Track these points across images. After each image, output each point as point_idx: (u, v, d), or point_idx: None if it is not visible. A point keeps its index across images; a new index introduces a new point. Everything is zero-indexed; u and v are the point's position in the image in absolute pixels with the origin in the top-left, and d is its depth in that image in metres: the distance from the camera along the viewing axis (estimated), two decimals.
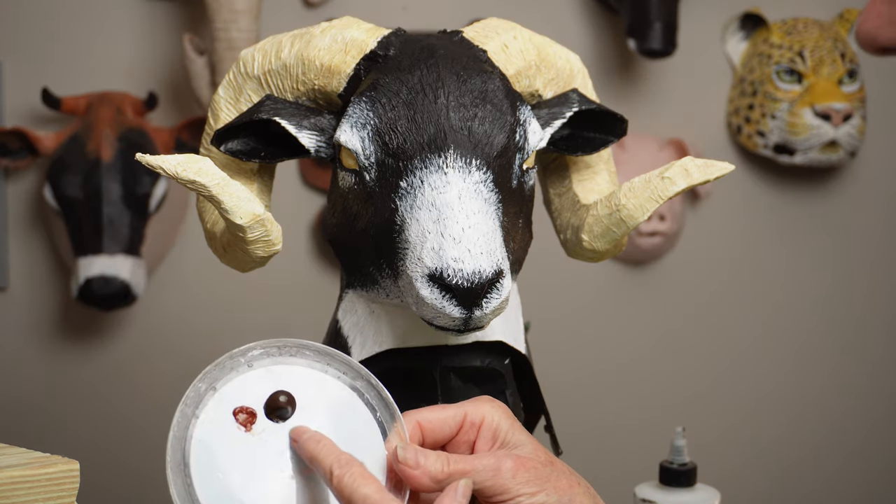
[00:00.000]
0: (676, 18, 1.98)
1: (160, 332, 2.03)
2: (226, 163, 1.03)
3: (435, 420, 0.90)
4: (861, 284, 2.26)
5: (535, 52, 1.05)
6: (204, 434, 0.85)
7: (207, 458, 0.84)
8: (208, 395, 0.86)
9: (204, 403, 0.85)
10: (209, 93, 1.86)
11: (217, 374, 0.86)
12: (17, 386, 2.02)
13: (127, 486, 2.01)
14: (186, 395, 0.85)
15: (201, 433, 0.85)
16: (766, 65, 2.10)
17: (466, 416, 0.90)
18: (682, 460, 1.31)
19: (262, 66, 1.03)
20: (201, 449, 0.84)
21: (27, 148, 1.90)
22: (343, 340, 1.04)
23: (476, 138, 0.95)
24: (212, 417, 0.85)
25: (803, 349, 2.25)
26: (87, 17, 1.99)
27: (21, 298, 2.01)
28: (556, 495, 0.88)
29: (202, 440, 0.85)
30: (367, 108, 0.97)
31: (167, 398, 2.01)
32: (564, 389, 2.06)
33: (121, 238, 1.86)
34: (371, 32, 1.02)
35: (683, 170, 1.00)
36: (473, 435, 0.90)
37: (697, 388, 2.21)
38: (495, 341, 1.03)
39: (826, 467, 2.27)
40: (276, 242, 0.98)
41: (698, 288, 2.21)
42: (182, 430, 0.84)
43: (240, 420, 0.86)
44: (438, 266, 0.90)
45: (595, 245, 1.04)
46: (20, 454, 0.91)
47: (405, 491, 0.88)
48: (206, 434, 0.85)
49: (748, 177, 2.20)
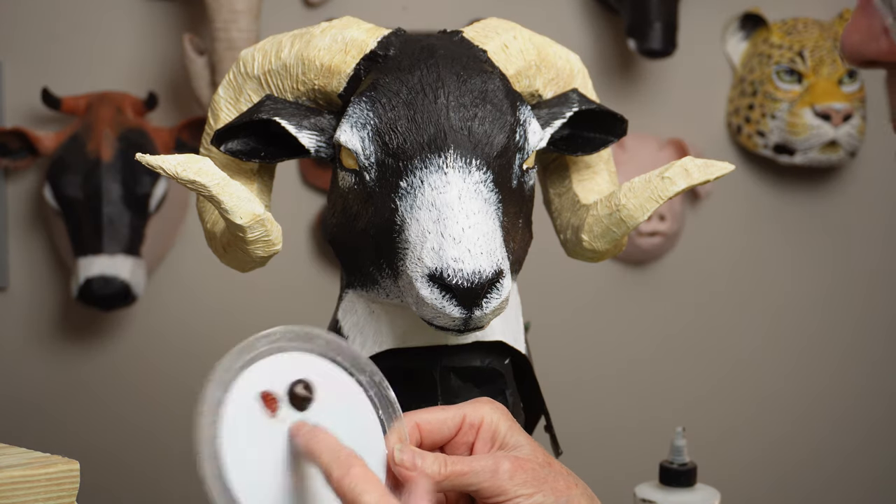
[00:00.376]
0: (676, 18, 1.98)
1: (160, 332, 2.03)
2: (226, 163, 1.03)
3: (434, 421, 0.90)
4: (861, 284, 2.26)
5: (535, 52, 1.05)
6: (234, 417, 0.83)
7: (237, 441, 0.83)
8: (235, 378, 0.84)
9: (231, 387, 0.84)
10: (209, 93, 1.86)
11: (240, 359, 0.85)
12: (17, 386, 2.01)
13: (127, 485, 2.01)
14: (212, 378, 0.83)
15: (232, 415, 0.83)
16: (766, 65, 2.10)
17: (465, 418, 0.90)
18: (682, 460, 1.31)
19: (262, 66, 1.03)
20: (232, 432, 0.83)
21: (27, 148, 1.90)
22: None
23: (476, 138, 0.95)
24: (239, 399, 0.84)
25: (803, 349, 2.25)
26: (87, 17, 1.99)
27: (21, 298, 2.01)
28: (553, 496, 0.88)
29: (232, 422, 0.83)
30: (367, 108, 0.97)
31: (167, 398, 2.02)
32: (564, 389, 2.06)
33: (121, 238, 1.85)
34: (371, 32, 1.02)
35: (683, 170, 1.00)
36: (472, 436, 0.90)
37: (697, 388, 2.21)
38: (495, 341, 1.02)
39: (826, 467, 2.27)
40: (276, 242, 0.98)
41: (698, 288, 2.21)
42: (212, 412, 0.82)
43: (267, 403, 0.85)
44: (438, 266, 0.90)
45: (595, 245, 1.04)
46: (20, 454, 0.91)
47: (405, 488, 0.88)
48: (236, 416, 0.83)
49: (748, 177, 2.20)
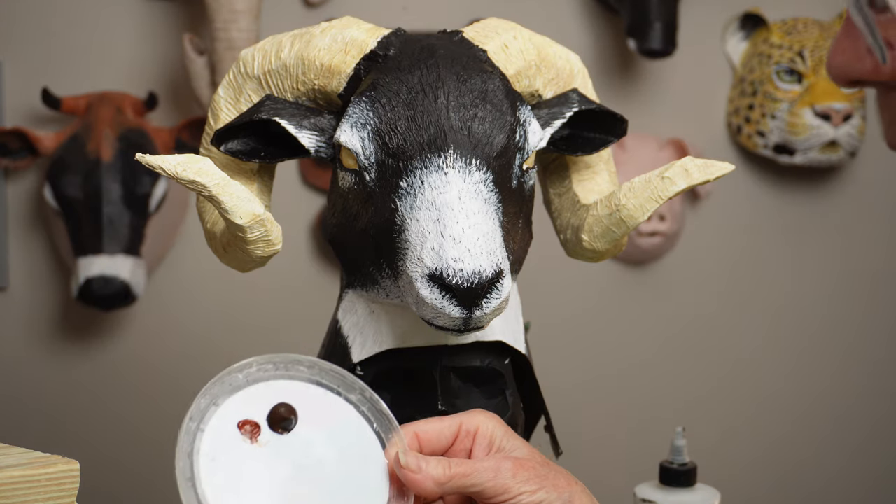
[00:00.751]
0: (676, 18, 1.98)
1: (160, 332, 2.03)
2: (226, 163, 1.03)
3: (431, 431, 0.92)
4: (861, 284, 2.26)
5: (535, 52, 1.05)
6: (211, 447, 0.85)
7: (217, 471, 0.85)
8: (211, 410, 0.86)
9: (208, 418, 0.86)
10: (209, 93, 1.86)
11: (218, 390, 0.87)
12: (17, 386, 2.01)
13: (127, 485, 2.01)
14: (190, 411, 0.85)
15: (208, 446, 0.85)
16: (766, 65, 2.10)
17: (462, 426, 0.92)
18: (682, 460, 1.31)
19: (262, 66, 1.03)
20: (210, 462, 0.85)
21: (27, 148, 1.90)
22: (343, 340, 1.03)
23: (476, 138, 0.95)
24: (217, 430, 0.86)
25: (803, 349, 2.25)
26: (87, 17, 1.99)
27: (21, 298, 2.01)
28: (555, 493, 0.90)
29: (209, 453, 0.85)
30: (367, 108, 0.97)
31: (167, 398, 2.01)
32: (564, 389, 2.06)
33: (121, 238, 1.85)
34: (371, 32, 1.02)
35: (683, 170, 1.00)
36: (469, 443, 0.92)
37: (697, 388, 2.21)
38: (495, 341, 1.02)
39: (827, 467, 2.27)
40: (276, 242, 0.98)
41: (698, 288, 2.21)
42: (188, 444, 0.84)
43: (245, 432, 0.87)
44: (438, 266, 0.90)
45: (595, 245, 1.04)
46: (20, 454, 0.91)
47: (409, 497, 0.89)
48: (214, 447, 0.85)
49: (748, 177, 2.20)
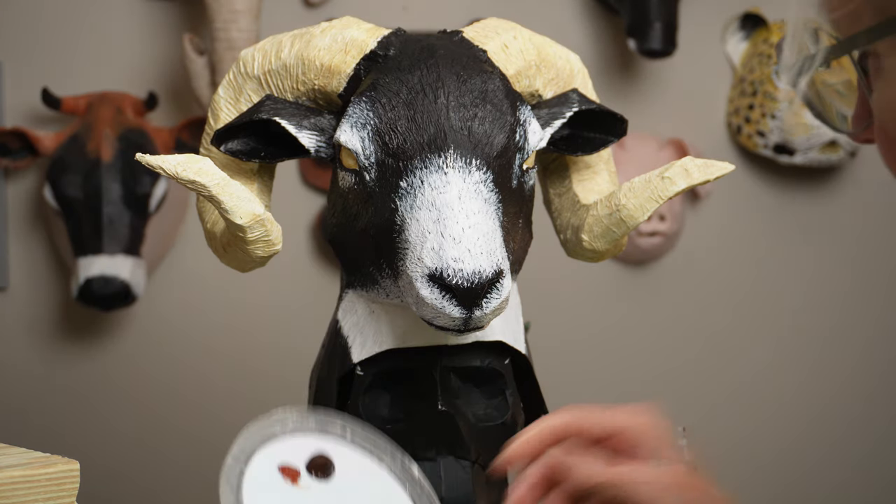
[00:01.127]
0: (676, 18, 1.98)
1: (160, 332, 2.03)
2: (226, 163, 1.03)
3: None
4: (861, 284, 2.26)
5: (535, 52, 1.05)
6: (256, 485, 0.88)
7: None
8: (255, 452, 0.89)
9: (251, 458, 0.89)
10: (209, 93, 1.86)
11: (258, 437, 0.90)
12: (17, 386, 2.01)
13: (127, 485, 2.01)
14: (233, 449, 0.89)
15: (253, 485, 0.88)
16: (766, 65, 2.10)
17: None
18: None
19: (262, 66, 1.03)
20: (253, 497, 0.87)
21: (27, 148, 1.90)
22: (343, 340, 1.03)
23: (476, 138, 0.95)
24: (261, 470, 0.89)
25: (803, 349, 2.25)
26: (87, 18, 1.99)
27: (21, 298, 2.01)
28: None
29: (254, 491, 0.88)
30: (367, 108, 0.97)
31: (167, 398, 2.01)
32: (564, 389, 2.06)
33: (121, 238, 1.85)
34: (371, 32, 1.02)
35: (683, 170, 1.00)
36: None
37: (697, 388, 2.21)
38: (495, 341, 1.03)
39: (827, 467, 2.27)
40: (276, 242, 0.98)
41: (698, 288, 2.21)
42: (235, 478, 0.87)
43: (286, 474, 0.90)
44: (438, 266, 0.90)
45: (595, 245, 1.04)
46: (20, 454, 0.91)
47: None
48: (258, 485, 0.88)
49: (748, 177, 2.20)
